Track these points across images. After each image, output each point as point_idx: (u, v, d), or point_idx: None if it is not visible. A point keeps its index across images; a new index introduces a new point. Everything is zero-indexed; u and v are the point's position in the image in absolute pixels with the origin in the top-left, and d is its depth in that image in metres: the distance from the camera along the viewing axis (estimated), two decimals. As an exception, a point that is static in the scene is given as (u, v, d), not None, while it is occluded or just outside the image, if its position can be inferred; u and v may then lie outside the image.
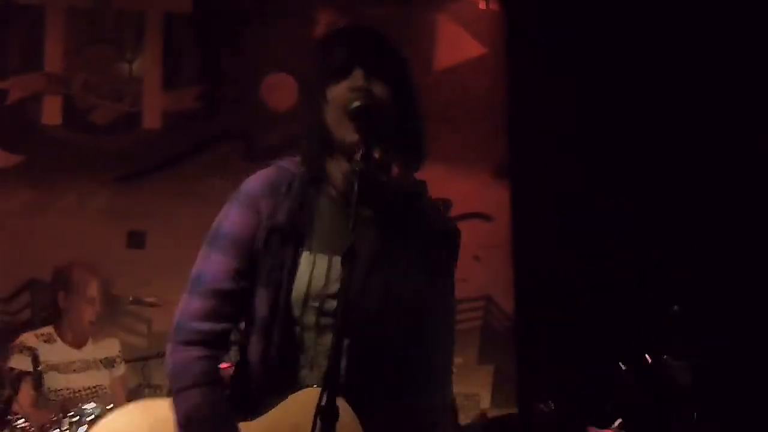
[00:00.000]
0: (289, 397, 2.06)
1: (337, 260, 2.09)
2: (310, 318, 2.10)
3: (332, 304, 2.08)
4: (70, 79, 5.10)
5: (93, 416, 3.51)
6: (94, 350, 4.10)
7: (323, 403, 1.80)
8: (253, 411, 2.09)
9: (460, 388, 4.75)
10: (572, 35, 5.23)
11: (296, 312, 2.11)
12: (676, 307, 4.37)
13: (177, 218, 4.89)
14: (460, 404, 4.90)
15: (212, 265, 2.17)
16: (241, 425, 2.07)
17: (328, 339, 2.05)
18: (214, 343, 2.13)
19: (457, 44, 5.59)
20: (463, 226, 5.30)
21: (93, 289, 4.08)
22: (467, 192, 5.29)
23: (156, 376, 4.11)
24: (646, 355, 4.26)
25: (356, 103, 2.04)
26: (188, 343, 2.12)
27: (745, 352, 4.56)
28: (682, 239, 4.85)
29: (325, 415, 1.80)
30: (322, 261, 2.12)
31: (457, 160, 5.29)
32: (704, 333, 4.39)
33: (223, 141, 5.18)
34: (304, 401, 1.89)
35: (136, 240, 4.95)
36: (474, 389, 5.18)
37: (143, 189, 5.03)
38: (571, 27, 5.29)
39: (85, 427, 3.48)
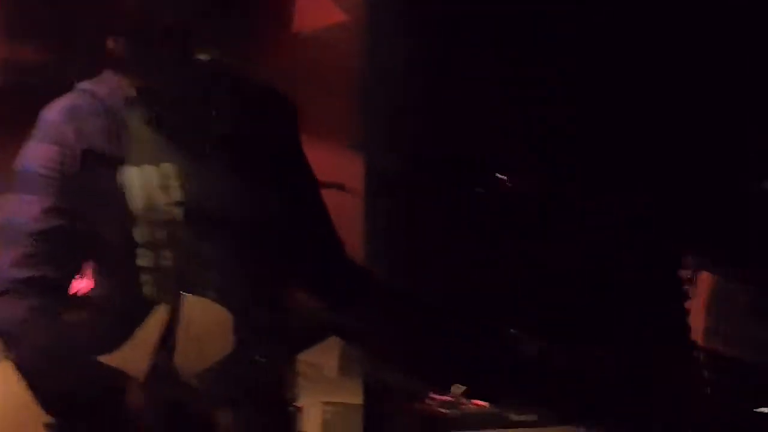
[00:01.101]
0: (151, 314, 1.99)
1: (166, 167, 2.03)
2: (159, 233, 2.03)
3: (177, 212, 2.02)
4: None
5: None
6: None
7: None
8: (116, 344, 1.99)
9: (305, 356, 4.70)
10: (435, 7, 5.23)
11: (141, 232, 2.03)
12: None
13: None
14: (303, 372, 4.86)
15: (21, 207, 2.05)
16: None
17: (183, 250, 1.99)
18: (40, 293, 2.01)
19: (317, 9, 5.51)
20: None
21: None
22: (321, 162, 5.22)
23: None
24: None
25: (203, 56, 2.00)
26: (5, 293, 2.00)
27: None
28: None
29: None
30: (151, 172, 2.04)
31: (312, 128, 5.20)
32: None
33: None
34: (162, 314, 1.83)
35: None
36: (320, 358, 5.13)
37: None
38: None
39: None
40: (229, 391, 1.96)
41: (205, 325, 1.93)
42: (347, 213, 5.37)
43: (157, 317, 1.93)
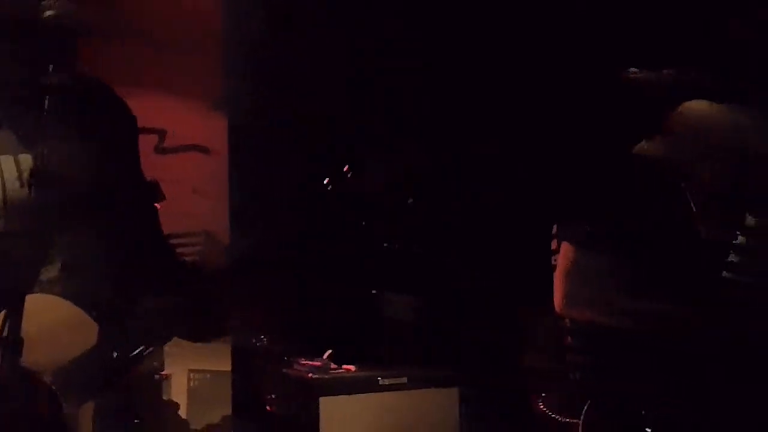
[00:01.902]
0: None
1: (24, 158, 1.95)
2: (14, 223, 1.95)
3: (31, 202, 1.93)
4: None
5: None
6: None
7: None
8: None
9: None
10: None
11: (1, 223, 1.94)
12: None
13: None
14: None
15: None
16: None
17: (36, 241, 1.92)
18: None
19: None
20: (181, 159, 5.09)
21: None
22: (184, 122, 5.12)
23: None
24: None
25: (50, 12, 1.90)
26: None
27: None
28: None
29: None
30: (8, 162, 1.96)
31: (174, 88, 5.09)
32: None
33: None
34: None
35: None
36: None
37: None
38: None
39: None
40: (87, 388, 1.89)
41: (54, 322, 1.85)
42: (211, 174, 5.28)
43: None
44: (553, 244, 2.92)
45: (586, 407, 2.68)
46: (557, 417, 2.82)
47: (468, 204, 4.70)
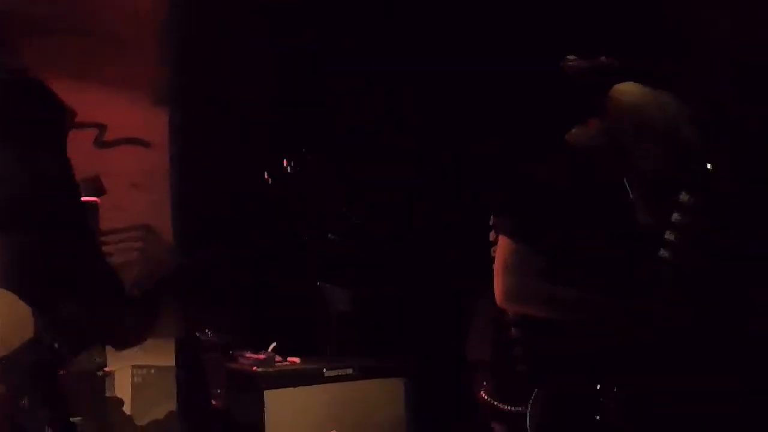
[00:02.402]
0: None
1: None
2: None
3: None
4: None
5: None
6: None
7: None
8: None
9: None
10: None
11: None
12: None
13: None
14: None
15: None
16: None
17: None
18: None
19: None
20: (121, 153, 5.04)
21: None
22: (124, 116, 5.07)
23: None
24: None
25: None
26: None
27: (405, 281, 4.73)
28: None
29: None
30: None
31: (114, 82, 5.03)
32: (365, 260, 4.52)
33: None
34: None
35: None
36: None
37: None
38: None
39: None
40: (27, 377, 1.85)
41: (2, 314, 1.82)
42: (151, 168, 5.23)
43: None
44: (491, 236, 2.90)
45: (533, 396, 2.68)
46: (501, 406, 2.83)
47: (412, 196, 4.71)
